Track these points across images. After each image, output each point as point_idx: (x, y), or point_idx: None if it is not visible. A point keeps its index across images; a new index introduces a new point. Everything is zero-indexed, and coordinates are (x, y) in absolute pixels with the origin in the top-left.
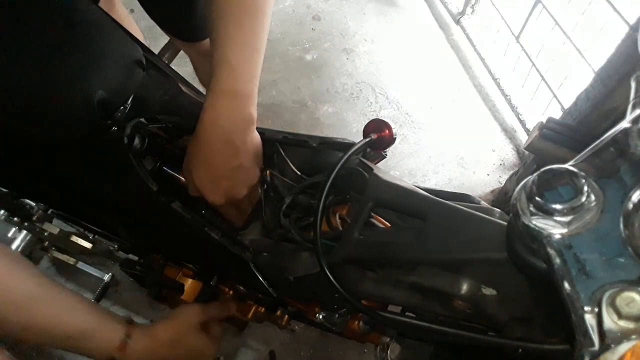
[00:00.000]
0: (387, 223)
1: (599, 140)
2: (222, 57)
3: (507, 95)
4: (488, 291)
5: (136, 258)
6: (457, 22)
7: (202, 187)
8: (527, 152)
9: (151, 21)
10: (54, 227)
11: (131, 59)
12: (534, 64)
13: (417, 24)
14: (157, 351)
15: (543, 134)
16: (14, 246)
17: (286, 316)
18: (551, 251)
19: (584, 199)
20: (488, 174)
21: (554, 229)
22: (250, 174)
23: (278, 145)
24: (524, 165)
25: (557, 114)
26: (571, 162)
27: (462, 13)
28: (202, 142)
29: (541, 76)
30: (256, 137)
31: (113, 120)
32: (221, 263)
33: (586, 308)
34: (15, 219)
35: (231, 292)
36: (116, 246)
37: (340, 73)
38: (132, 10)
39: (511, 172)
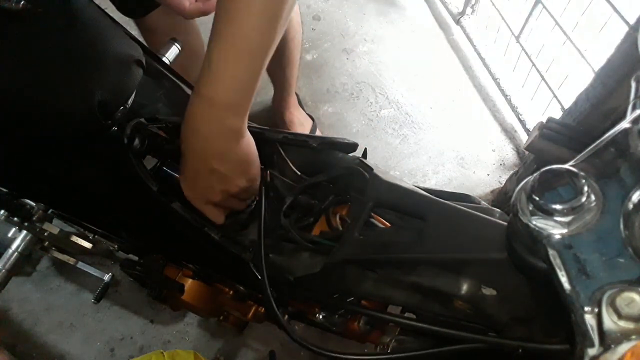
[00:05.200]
0: (387, 223)
1: (599, 141)
2: (206, 58)
3: (507, 95)
4: (488, 291)
5: (136, 258)
6: (457, 22)
7: (182, 181)
8: (527, 152)
9: None
10: (54, 227)
11: (131, 59)
12: (534, 64)
13: (417, 24)
14: None
15: (543, 134)
16: (13, 246)
17: (286, 316)
18: (551, 251)
19: (584, 199)
20: (488, 174)
21: (554, 229)
22: (229, 182)
23: (278, 145)
24: (524, 165)
25: (557, 114)
26: (571, 162)
27: (462, 13)
28: (183, 140)
29: (541, 76)
30: (241, 148)
31: (113, 120)
32: (221, 263)
33: (586, 308)
34: (15, 219)
35: (231, 292)
36: (116, 246)
37: (340, 73)
38: None
39: (511, 172)
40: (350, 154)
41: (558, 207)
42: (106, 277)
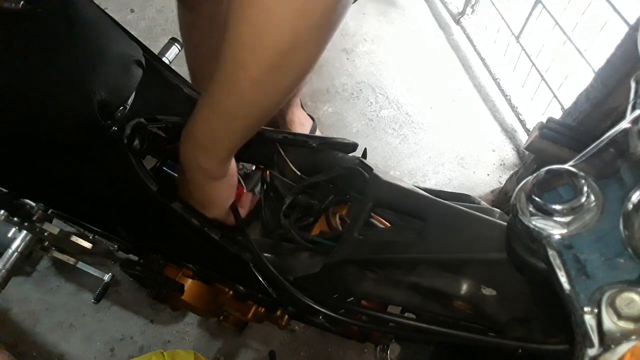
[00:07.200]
0: (387, 223)
1: (599, 141)
2: (202, 95)
3: (507, 95)
4: (488, 291)
5: (136, 258)
6: (457, 22)
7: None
8: (527, 152)
9: (151, 21)
10: (54, 227)
11: (131, 59)
12: (534, 64)
13: (417, 23)
14: None
15: (543, 134)
16: (13, 246)
17: (286, 316)
18: (551, 252)
19: (583, 199)
20: (488, 174)
21: (554, 229)
22: (192, 202)
23: (278, 145)
24: (524, 165)
25: (557, 114)
26: (571, 162)
27: (462, 13)
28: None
29: (541, 76)
30: (207, 186)
31: (113, 120)
32: (221, 263)
33: (586, 309)
34: (15, 219)
35: (231, 292)
36: (116, 246)
37: (340, 73)
38: (132, 10)
39: (511, 172)
40: (350, 154)
41: (558, 207)
42: (106, 277)
